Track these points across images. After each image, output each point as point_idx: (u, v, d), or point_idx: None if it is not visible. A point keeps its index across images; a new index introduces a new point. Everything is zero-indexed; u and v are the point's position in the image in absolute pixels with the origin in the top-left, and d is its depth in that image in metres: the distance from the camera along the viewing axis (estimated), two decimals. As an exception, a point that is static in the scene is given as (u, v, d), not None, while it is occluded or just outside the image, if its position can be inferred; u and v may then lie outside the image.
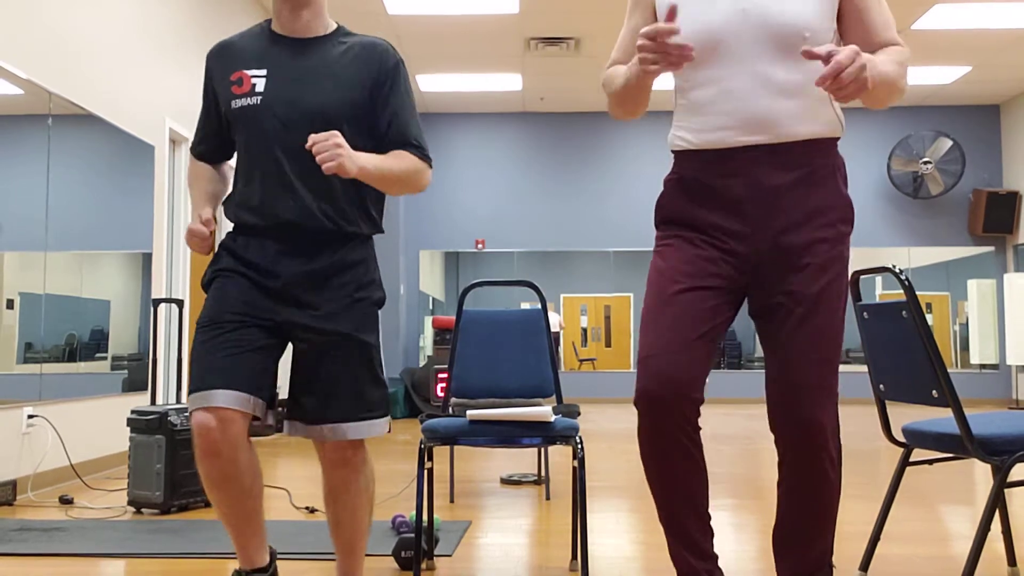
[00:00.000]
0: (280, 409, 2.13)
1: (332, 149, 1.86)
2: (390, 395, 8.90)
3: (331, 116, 2.04)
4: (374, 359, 2.11)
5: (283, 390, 2.21)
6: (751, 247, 1.88)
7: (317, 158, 1.88)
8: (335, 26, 2.15)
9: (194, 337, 2.07)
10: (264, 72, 2.07)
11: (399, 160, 2.07)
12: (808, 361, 1.85)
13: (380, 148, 2.11)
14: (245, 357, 2.00)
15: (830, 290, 1.87)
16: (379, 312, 2.16)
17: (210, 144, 2.20)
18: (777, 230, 1.86)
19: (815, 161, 1.87)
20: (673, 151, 1.99)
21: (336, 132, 1.91)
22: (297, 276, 2.04)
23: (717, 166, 1.90)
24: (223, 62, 2.12)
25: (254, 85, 2.06)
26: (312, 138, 1.89)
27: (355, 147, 2.07)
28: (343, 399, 2.05)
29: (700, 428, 1.89)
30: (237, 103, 2.06)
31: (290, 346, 2.14)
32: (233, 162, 2.21)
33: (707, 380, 1.89)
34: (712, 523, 1.94)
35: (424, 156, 2.12)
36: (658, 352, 1.85)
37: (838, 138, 1.91)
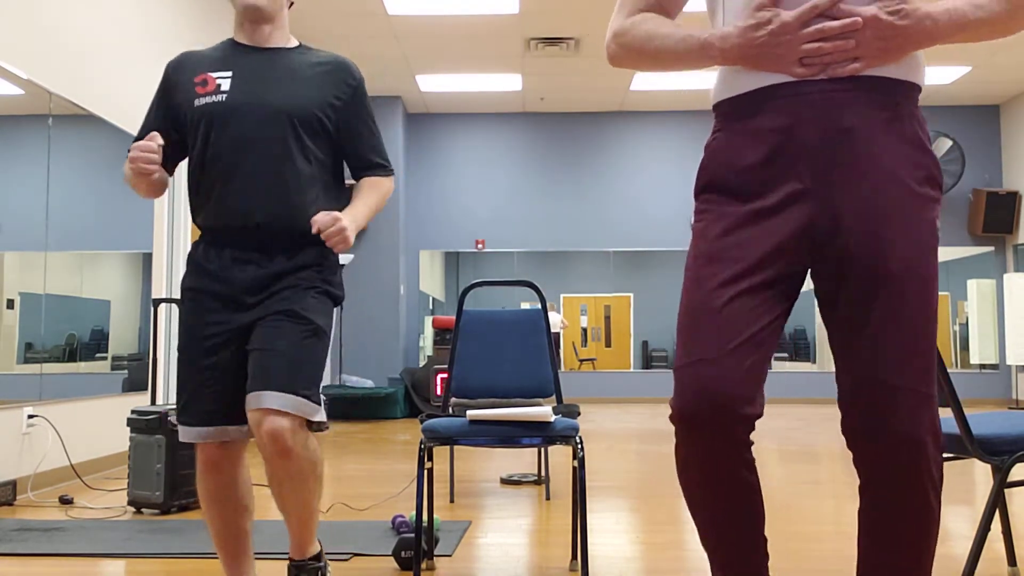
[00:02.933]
0: None
1: (339, 234, 2.00)
2: (392, 394, 8.92)
3: (294, 118, 2.10)
4: (316, 338, 2.07)
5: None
6: (818, 207, 1.46)
7: (328, 243, 2.01)
8: (297, 42, 2.24)
9: (177, 360, 2.13)
10: (230, 74, 2.13)
11: (375, 192, 2.22)
12: (905, 355, 1.42)
13: (337, 151, 2.23)
14: (229, 388, 2.07)
15: (925, 262, 1.45)
16: (332, 307, 2.19)
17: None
18: (853, 184, 1.45)
19: (902, 108, 1.47)
20: (719, 103, 1.58)
21: (338, 215, 2.02)
22: (249, 281, 2.09)
23: (783, 105, 1.47)
24: (185, 69, 2.18)
25: (219, 85, 2.11)
26: (319, 222, 2.00)
27: (312, 150, 2.14)
28: (275, 369, 1.99)
29: (752, 444, 1.50)
30: (200, 101, 2.11)
31: None
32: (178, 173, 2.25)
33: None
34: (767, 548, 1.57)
35: (388, 171, 2.28)
36: (703, 359, 1.44)
37: (920, 88, 1.51)
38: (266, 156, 2.08)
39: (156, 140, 2.00)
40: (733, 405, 1.42)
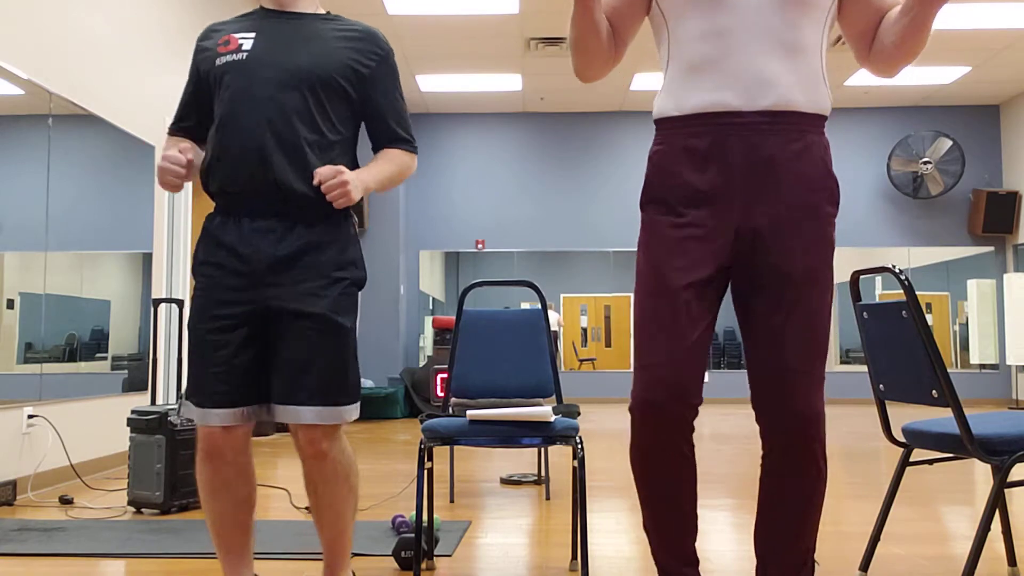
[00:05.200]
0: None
1: (340, 187, 1.97)
2: (392, 394, 8.93)
3: (314, 80, 2.06)
4: (348, 343, 2.06)
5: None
6: (740, 221, 1.78)
7: (327, 196, 1.97)
8: (325, 11, 2.22)
9: (188, 340, 2.09)
10: (253, 35, 2.12)
11: (392, 162, 2.17)
12: (802, 345, 1.76)
13: (358, 118, 2.19)
14: (237, 369, 2.02)
15: (822, 271, 1.79)
16: (358, 293, 2.15)
17: (194, 118, 2.19)
18: (769, 204, 1.77)
19: (809, 136, 1.78)
20: (659, 119, 1.85)
21: (342, 168, 1.99)
22: (270, 258, 2.03)
23: (712, 131, 1.77)
24: (211, 37, 2.17)
25: (241, 44, 2.10)
26: (320, 174, 1.97)
27: (331, 115, 2.10)
28: (311, 383, 2.00)
29: (695, 430, 1.85)
30: (222, 60, 2.09)
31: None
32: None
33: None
34: (698, 524, 1.91)
35: (411, 148, 2.23)
36: (660, 359, 1.77)
37: (826, 117, 1.82)
38: (283, 116, 2.03)
39: (187, 154, 1.99)
40: (685, 395, 1.77)
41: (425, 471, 2.52)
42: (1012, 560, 2.62)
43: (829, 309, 1.80)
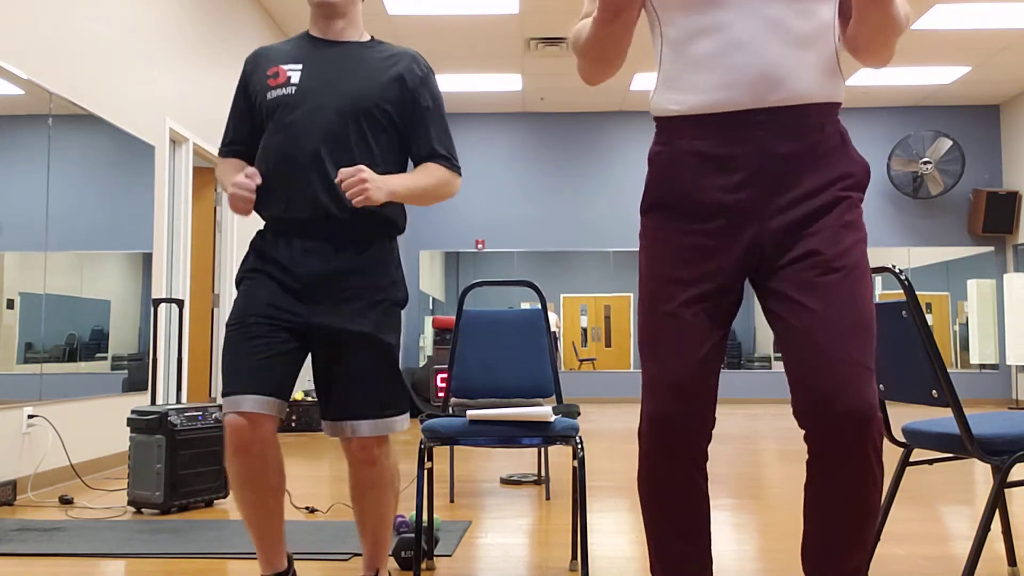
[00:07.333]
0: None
1: (358, 185, 1.99)
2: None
3: (359, 111, 2.13)
4: (393, 358, 2.17)
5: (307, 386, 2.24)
6: (757, 226, 1.62)
7: (346, 194, 2.00)
8: (369, 37, 2.27)
9: (224, 338, 2.16)
10: (300, 66, 2.18)
11: (428, 175, 2.18)
12: (844, 331, 1.54)
13: (404, 145, 2.23)
14: (271, 362, 2.08)
15: (856, 251, 1.60)
16: (400, 311, 2.23)
17: (245, 142, 2.26)
18: (787, 204, 1.61)
19: (827, 128, 1.63)
20: (659, 118, 1.69)
21: (362, 167, 2.02)
22: (318, 276, 2.11)
23: (720, 133, 1.61)
24: (260, 63, 2.23)
25: (289, 77, 2.16)
26: (341, 173, 2.00)
27: (377, 143, 2.16)
28: (363, 398, 2.12)
29: (707, 458, 1.67)
30: (273, 94, 2.16)
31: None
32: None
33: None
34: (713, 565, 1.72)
35: (452, 166, 2.24)
36: (670, 374, 1.62)
37: (840, 104, 1.67)
38: (332, 147, 2.10)
39: (255, 179, 2.06)
40: (697, 408, 1.62)
41: (425, 471, 2.52)
42: (1012, 560, 2.62)
43: (870, 294, 1.60)
